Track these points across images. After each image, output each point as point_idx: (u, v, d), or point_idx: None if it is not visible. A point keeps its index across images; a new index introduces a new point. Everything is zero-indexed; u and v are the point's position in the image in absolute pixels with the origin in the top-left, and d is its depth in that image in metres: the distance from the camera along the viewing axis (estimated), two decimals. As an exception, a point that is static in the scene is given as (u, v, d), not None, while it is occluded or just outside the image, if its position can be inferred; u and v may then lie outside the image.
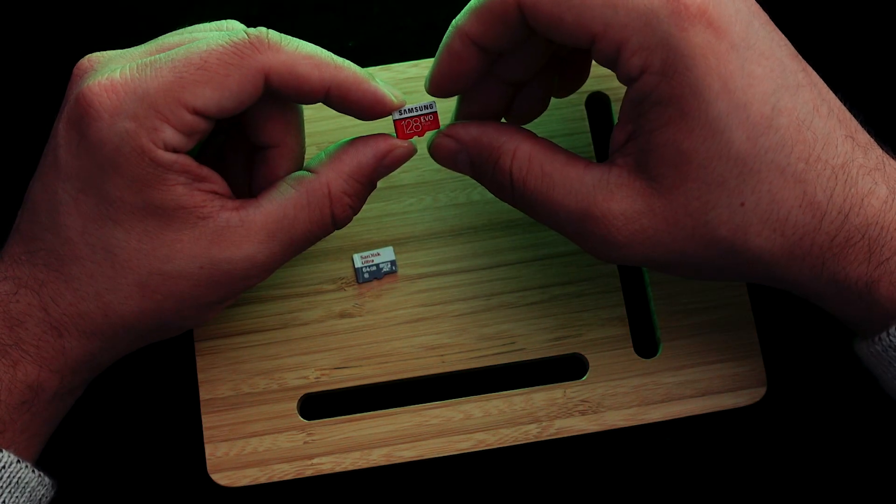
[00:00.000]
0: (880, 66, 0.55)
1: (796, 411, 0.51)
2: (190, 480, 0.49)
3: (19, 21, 0.55)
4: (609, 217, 0.41)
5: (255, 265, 0.42)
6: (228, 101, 0.40)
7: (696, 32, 0.38)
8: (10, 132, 0.53)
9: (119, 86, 0.40)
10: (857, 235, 0.40)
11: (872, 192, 0.40)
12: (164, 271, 0.41)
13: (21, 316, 0.41)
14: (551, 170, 0.42)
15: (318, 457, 0.48)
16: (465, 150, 0.44)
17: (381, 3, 0.56)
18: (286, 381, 0.49)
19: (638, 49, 0.39)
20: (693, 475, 0.50)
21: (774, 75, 0.39)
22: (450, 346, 0.50)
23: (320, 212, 0.43)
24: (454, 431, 0.49)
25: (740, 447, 0.50)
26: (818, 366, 0.51)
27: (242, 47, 0.40)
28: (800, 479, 0.50)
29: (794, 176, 0.39)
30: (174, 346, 0.50)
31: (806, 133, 0.39)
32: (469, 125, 0.44)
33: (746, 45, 0.39)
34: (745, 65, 0.39)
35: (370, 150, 0.43)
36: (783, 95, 0.39)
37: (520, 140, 0.43)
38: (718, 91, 0.39)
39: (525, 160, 0.42)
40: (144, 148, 0.39)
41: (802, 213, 0.40)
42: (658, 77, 0.39)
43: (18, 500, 0.42)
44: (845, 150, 0.40)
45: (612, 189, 0.41)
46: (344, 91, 0.41)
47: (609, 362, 0.49)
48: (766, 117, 0.39)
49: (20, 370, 0.41)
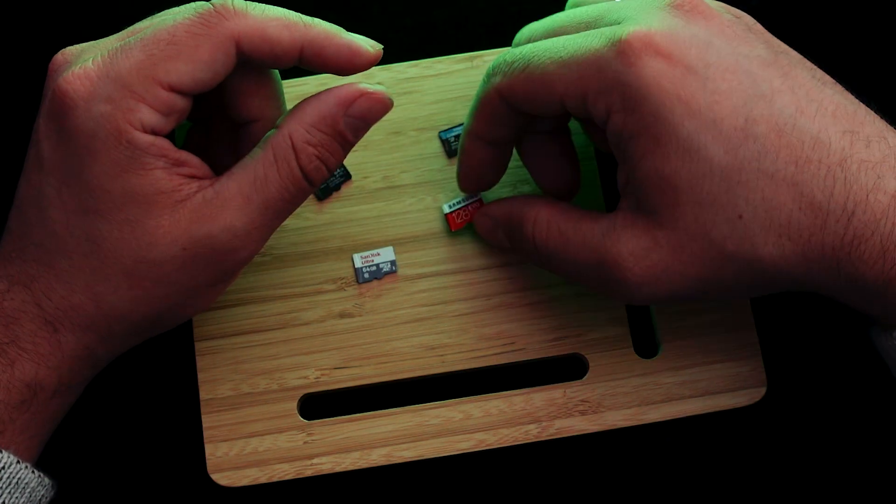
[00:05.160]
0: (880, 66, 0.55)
1: (796, 411, 0.51)
2: (190, 480, 0.49)
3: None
4: (620, 260, 0.42)
5: (237, 235, 0.42)
6: (202, 72, 0.40)
7: (645, 64, 0.40)
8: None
9: (92, 72, 0.40)
10: (866, 233, 0.39)
11: (878, 187, 0.39)
12: (149, 259, 0.41)
13: (15, 313, 0.41)
14: (566, 228, 0.44)
15: (318, 457, 0.48)
16: (499, 224, 0.48)
17: (380, 3, 0.56)
18: (286, 381, 0.49)
19: (598, 94, 0.41)
20: (693, 475, 0.50)
21: (743, 88, 0.40)
22: (450, 346, 0.50)
23: (288, 166, 0.42)
24: (454, 431, 0.49)
25: (740, 447, 0.50)
26: (818, 366, 0.51)
27: (209, 17, 0.40)
28: (800, 479, 0.50)
29: (786, 180, 0.39)
30: (174, 346, 0.50)
31: (790, 136, 0.39)
32: (500, 202, 0.48)
33: (705, 65, 0.40)
34: (706, 84, 0.40)
35: (332, 98, 0.42)
36: (756, 105, 0.40)
37: (539, 207, 0.46)
38: (682, 113, 0.40)
39: (544, 223, 0.45)
40: (121, 129, 0.40)
41: (804, 215, 0.39)
42: (623, 114, 0.40)
43: (18, 500, 0.42)
44: (842, 147, 0.40)
45: (619, 233, 0.42)
46: (317, 48, 0.42)
47: (609, 362, 0.49)
48: (741, 129, 0.39)
49: (18, 368, 0.41)
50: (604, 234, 0.42)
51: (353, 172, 0.51)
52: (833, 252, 0.40)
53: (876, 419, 0.51)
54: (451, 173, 0.51)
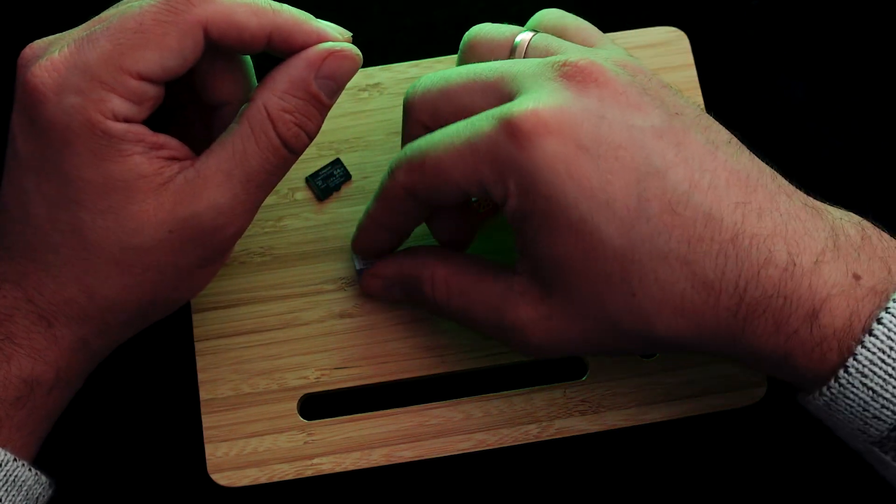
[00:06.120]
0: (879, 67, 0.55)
1: (796, 411, 0.51)
2: (190, 480, 0.49)
3: None
4: (518, 324, 0.42)
5: (222, 212, 0.41)
6: (170, 60, 0.40)
7: (538, 146, 0.39)
8: None
9: (59, 63, 0.40)
10: (758, 310, 0.39)
11: (769, 261, 0.39)
12: (136, 245, 0.41)
13: (8, 310, 0.41)
14: (466, 287, 0.44)
15: (318, 457, 0.48)
16: (393, 284, 0.47)
17: (380, 3, 0.56)
18: (286, 381, 0.49)
19: (494, 180, 0.41)
20: (693, 475, 0.50)
21: (636, 164, 0.39)
22: (450, 346, 0.50)
23: (266, 136, 0.42)
24: (454, 431, 0.49)
25: (740, 447, 0.50)
26: (819, 366, 0.51)
27: (176, 3, 0.40)
28: (800, 479, 0.50)
29: (679, 259, 0.39)
30: (174, 346, 0.50)
31: (683, 214, 0.39)
32: (389, 261, 0.47)
33: (597, 142, 0.39)
34: (599, 163, 0.39)
35: (301, 61, 0.42)
36: (649, 182, 0.39)
37: (434, 266, 0.45)
38: (577, 195, 0.39)
39: (443, 284, 0.45)
40: (93, 120, 0.39)
41: (697, 294, 0.39)
42: (518, 198, 0.40)
43: (15, 499, 0.42)
44: (734, 222, 0.39)
45: (517, 299, 0.42)
46: (286, 34, 0.41)
47: (609, 362, 0.49)
48: (634, 209, 0.39)
49: (14, 365, 0.41)
50: (502, 297, 0.43)
51: (353, 172, 0.51)
52: (728, 328, 0.40)
53: (877, 419, 0.51)
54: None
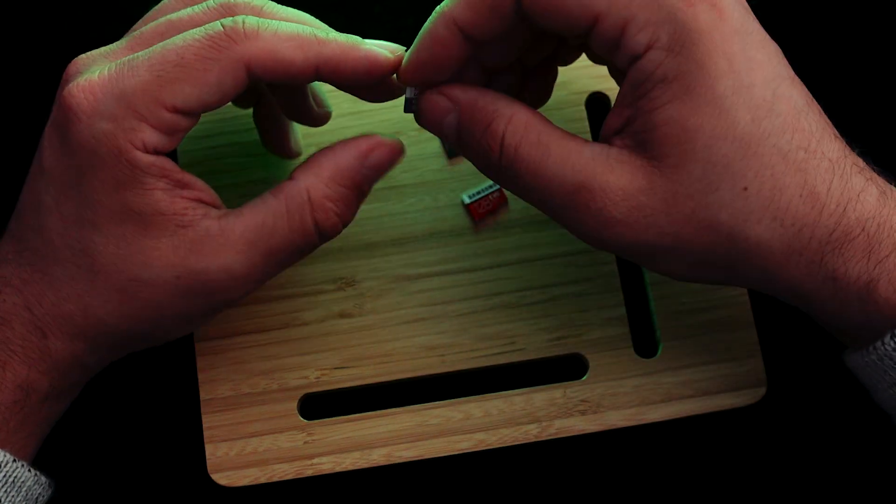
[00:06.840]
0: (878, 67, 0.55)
1: (796, 411, 0.51)
2: (190, 480, 0.49)
3: (17, 23, 0.55)
4: (607, 190, 0.40)
5: (234, 277, 0.41)
6: (209, 96, 0.40)
7: (702, 10, 0.38)
8: (8, 135, 0.54)
9: (97, 87, 0.40)
10: (856, 229, 0.39)
11: (866, 190, 0.40)
12: (142, 278, 0.40)
13: (6, 315, 0.42)
14: (548, 140, 0.40)
15: (318, 457, 0.48)
16: (457, 111, 0.41)
17: (382, 3, 0.56)
18: (286, 381, 0.49)
19: (644, 25, 0.38)
20: (693, 475, 0.50)
21: (773, 64, 0.39)
22: (450, 346, 0.50)
23: (301, 220, 0.41)
24: (454, 431, 0.49)
25: (740, 447, 0.50)
26: (818, 366, 0.51)
27: (219, 40, 0.39)
28: (799, 479, 0.50)
29: (796, 163, 0.39)
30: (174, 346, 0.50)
31: (804, 122, 0.39)
32: (466, 86, 0.42)
33: (746, 31, 0.39)
34: (746, 49, 0.39)
35: (351, 150, 0.42)
36: (781, 83, 0.39)
37: (517, 108, 0.41)
38: (724, 69, 0.38)
39: (521, 126, 0.40)
40: (122, 148, 0.39)
41: (803, 203, 0.39)
42: (664, 53, 0.38)
43: (14, 499, 0.42)
44: (838, 147, 0.40)
45: (613, 163, 0.40)
46: (333, 65, 0.41)
47: (609, 362, 0.49)
48: (768, 101, 0.39)
49: (9, 370, 0.41)
50: (594, 159, 0.40)
51: (354, 172, 0.51)
52: (819, 245, 0.39)
53: (875, 419, 0.50)
54: (451, 173, 0.51)
